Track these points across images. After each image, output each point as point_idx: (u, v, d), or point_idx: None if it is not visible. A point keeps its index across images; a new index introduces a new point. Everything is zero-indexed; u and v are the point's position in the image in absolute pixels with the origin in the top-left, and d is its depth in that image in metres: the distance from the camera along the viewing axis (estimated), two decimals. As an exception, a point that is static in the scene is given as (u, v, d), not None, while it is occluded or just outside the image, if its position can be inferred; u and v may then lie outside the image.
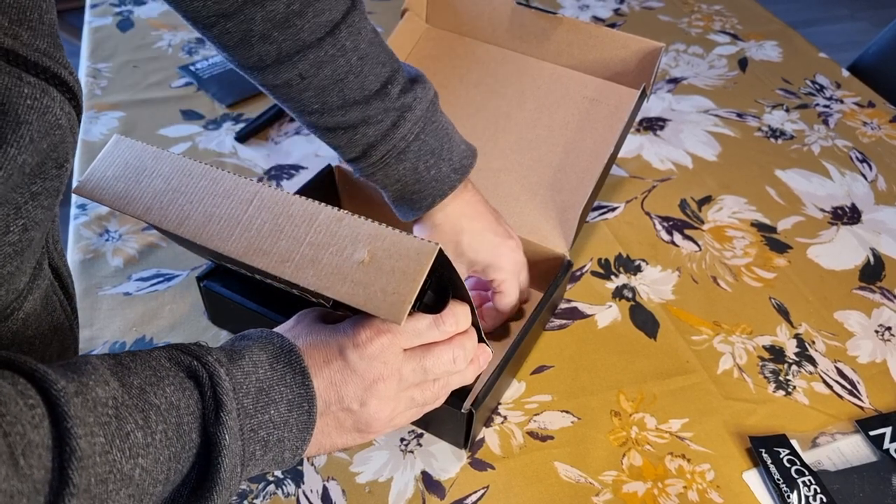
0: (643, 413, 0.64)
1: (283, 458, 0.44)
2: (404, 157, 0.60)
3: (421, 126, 0.60)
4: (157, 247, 0.76)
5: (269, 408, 0.42)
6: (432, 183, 0.61)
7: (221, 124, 0.93)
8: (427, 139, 0.61)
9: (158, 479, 0.37)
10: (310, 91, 0.58)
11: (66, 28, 2.00)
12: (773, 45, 1.15)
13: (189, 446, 0.39)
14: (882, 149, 0.96)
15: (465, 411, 0.56)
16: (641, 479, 0.60)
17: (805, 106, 1.02)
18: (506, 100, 0.75)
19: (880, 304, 0.75)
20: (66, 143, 0.37)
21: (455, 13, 0.78)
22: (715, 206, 0.86)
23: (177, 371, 0.40)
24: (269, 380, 0.43)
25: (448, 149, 0.62)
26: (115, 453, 0.35)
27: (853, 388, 0.67)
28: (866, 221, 0.85)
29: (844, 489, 0.58)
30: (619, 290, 0.75)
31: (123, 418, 0.36)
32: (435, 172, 0.61)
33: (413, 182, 0.61)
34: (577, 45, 0.73)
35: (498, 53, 0.77)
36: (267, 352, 0.44)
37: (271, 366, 0.43)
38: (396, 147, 0.60)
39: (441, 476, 0.59)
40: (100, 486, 0.34)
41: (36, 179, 0.36)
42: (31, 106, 0.34)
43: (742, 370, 0.68)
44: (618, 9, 1.23)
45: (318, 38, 0.56)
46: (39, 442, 0.32)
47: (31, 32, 0.35)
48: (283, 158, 0.89)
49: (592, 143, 0.71)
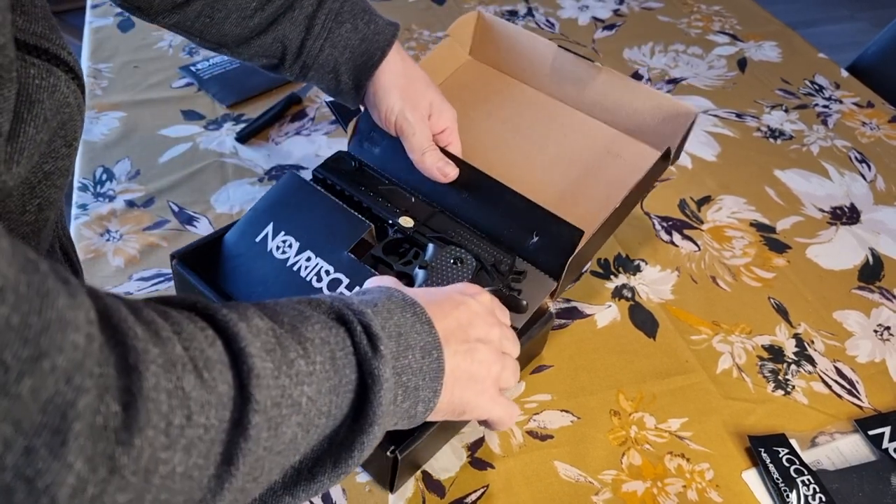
0: (642, 412, 0.64)
1: (416, 411, 0.44)
2: (342, 18, 0.64)
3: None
4: (157, 247, 0.77)
5: (407, 353, 0.42)
6: (375, 37, 0.64)
7: (222, 124, 0.93)
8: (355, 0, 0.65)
9: (322, 410, 0.37)
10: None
11: (67, 28, 2.00)
12: (773, 46, 1.15)
13: (345, 381, 0.39)
14: (881, 149, 0.96)
15: (391, 455, 0.52)
16: (641, 479, 0.60)
17: (804, 106, 1.03)
18: (528, 142, 0.74)
19: (879, 304, 0.75)
20: (74, 122, 0.38)
21: (498, 50, 0.78)
22: (714, 206, 0.86)
23: (319, 313, 0.40)
24: (405, 325, 0.43)
25: (373, 11, 0.66)
26: (283, 379, 0.35)
27: (852, 388, 0.68)
28: (865, 221, 0.85)
29: (843, 488, 0.58)
30: (618, 290, 0.76)
31: (286, 347, 0.36)
32: (374, 27, 0.65)
33: (358, 42, 0.64)
34: (611, 98, 0.71)
35: (533, 95, 0.76)
36: (394, 301, 0.44)
37: (402, 313, 0.43)
38: (332, 9, 0.64)
39: (441, 475, 0.59)
40: (274, 410, 0.34)
41: (48, 159, 0.37)
42: (41, 86, 0.35)
43: (741, 370, 0.69)
44: (617, 9, 1.23)
45: None
46: (217, 359, 0.32)
47: (26, 17, 0.36)
48: (284, 159, 0.89)
49: (601, 199, 0.68)
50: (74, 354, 0.24)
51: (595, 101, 0.72)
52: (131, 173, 0.85)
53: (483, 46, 0.79)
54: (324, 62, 0.65)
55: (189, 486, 0.30)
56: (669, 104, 0.68)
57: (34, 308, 0.23)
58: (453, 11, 1.20)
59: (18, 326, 0.23)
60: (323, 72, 0.66)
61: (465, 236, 0.64)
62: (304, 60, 0.65)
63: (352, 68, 0.65)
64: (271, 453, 0.35)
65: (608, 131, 0.72)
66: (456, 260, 0.59)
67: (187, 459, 0.29)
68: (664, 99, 0.68)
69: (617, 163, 0.70)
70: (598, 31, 1.18)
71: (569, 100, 0.74)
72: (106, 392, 0.26)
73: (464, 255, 0.60)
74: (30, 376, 0.23)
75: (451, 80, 0.79)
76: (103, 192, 0.82)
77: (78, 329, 0.25)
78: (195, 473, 0.30)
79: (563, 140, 0.73)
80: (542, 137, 0.73)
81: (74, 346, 0.25)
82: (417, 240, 0.63)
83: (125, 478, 0.26)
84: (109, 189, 0.83)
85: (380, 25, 0.65)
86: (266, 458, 0.34)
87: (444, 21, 1.17)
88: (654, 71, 1.08)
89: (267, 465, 0.35)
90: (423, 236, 0.63)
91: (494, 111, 0.76)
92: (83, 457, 0.25)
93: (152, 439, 0.27)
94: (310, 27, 0.64)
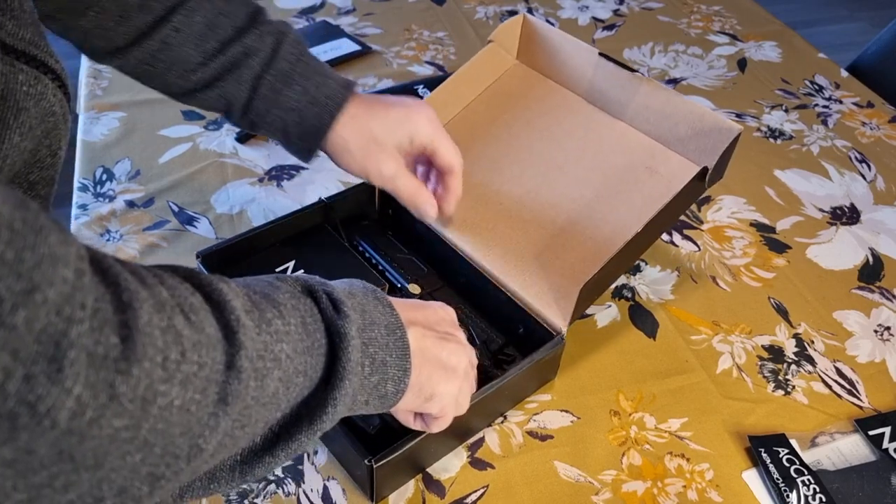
0: (642, 412, 0.64)
1: (387, 389, 0.45)
2: (292, 80, 0.61)
3: (299, 49, 0.61)
4: (157, 247, 0.77)
5: (372, 328, 0.43)
6: (325, 101, 0.61)
7: (222, 125, 0.93)
8: (309, 61, 0.62)
9: (299, 369, 0.39)
10: (188, 44, 0.59)
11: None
12: (773, 46, 1.15)
13: (317, 344, 0.40)
14: (881, 149, 0.96)
15: (368, 463, 0.52)
16: (641, 479, 0.60)
17: (804, 106, 1.03)
18: (564, 152, 0.72)
19: (879, 304, 0.75)
20: (58, 130, 0.38)
21: (544, 53, 0.76)
22: (714, 207, 0.86)
23: (287, 285, 0.42)
24: (367, 304, 0.44)
25: (329, 71, 0.63)
26: (264, 336, 0.36)
27: (852, 388, 0.68)
28: (865, 221, 0.85)
29: (843, 489, 0.58)
30: (618, 290, 0.76)
31: (262, 308, 0.37)
32: (325, 90, 0.61)
33: (307, 106, 0.61)
34: (652, 110, 0.69)
35: (575, 103, 0.75)
36: (355, 286, 0.46)
37: (364, 296, 0.45)
38: (282, 70, 0.60)
39: (441, 475, 0.59)
40: (259, 361, 0.35)
41: (33, 168, 0.37)
42: (28, 93, 0.35)
43: (741, 370, 0.69)
44: (617, 9, 1.23)
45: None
46: (200, 306, 0.33)
47: (15, 22, 0.35)
48: (284, 159, 0.89)
49: (632, 217, 0.66)
50: (63, 287, 0.26)
51: (637, 112, 0.70)
52: (131, 173, 0.85)
53: (529, 50, 0.78)
54: (272, 122, 0.62)
55: (187, 420, 0.31)
56: (711, 118, 0.65)
57: (28, 244, 0.25)
58: (453, 11, 1.20)
59: (13, 261, 0.24)
60: (271, 130, 0.63)
61: (465, 311, 0.68)
62: (251, 118, 0.63)
63: (301, 132, 0.62)
64: (258, 404, 0.36)
65: (647, 143, 0.70)
66: None
67: (184, 393, 0.31)
68: (706, 113, 0.65)
69: (654, 179, 0.68)
70: (598, 31, 1.18)
71: (610, 109, 0.73)
72: (105, 325, 0.27)
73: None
74: (24, 308, 0.24)
75: (496, 86, 0.78)
76: (103, 193, 0.82)
77: (68, 264, 0.26)
78: (192, 408, 0.31)
79: (599, 152, 0.71)
80: (580, 149, 0.72)
81: (64, 280, 0.26)
82: None
83: (123, 405, 0.28)
84: (109, 189, 0.83)
85: (332, 88, 0.61)
86: (253, 408, 0.36)
87: (444, 21, 1.17)
88: (654, 71, 1.08)
89: (254, 416, 0.36)
90: None
91: (534, 119, 0.75)
92: (82, 383, 0.26)
93: (150, 371, 0.29)
94: (256, 87, 0.61)
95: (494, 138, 0.75)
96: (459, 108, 0.77)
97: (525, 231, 0.68)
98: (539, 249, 0.67)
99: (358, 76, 1.04)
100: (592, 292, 0.65)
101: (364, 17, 1.17)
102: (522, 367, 0.60)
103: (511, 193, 0.71)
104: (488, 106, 0.77)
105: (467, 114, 0.77)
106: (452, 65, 1.07)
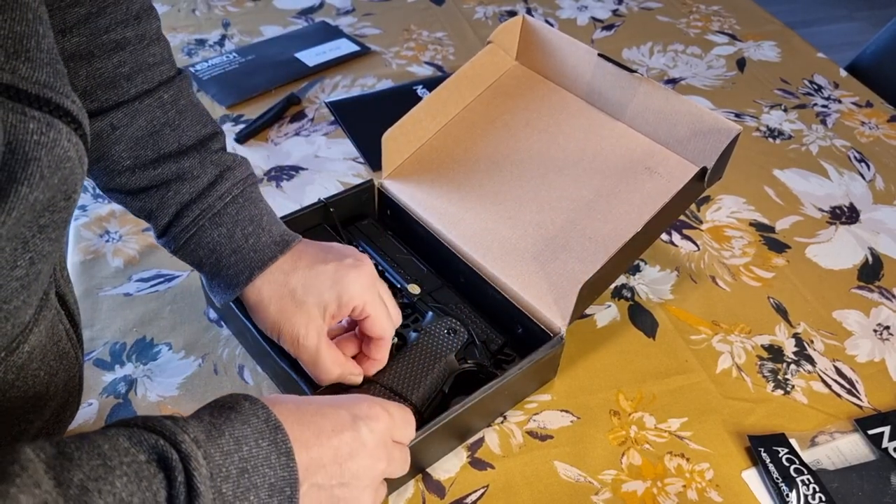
0: (642, 412, 0.65)
1: None
2: (220, 220, 0.55)
3: (241, 189, 0.55)
4: (157, 247, 0.76)
5: (249, 493, 0.38)
6: (250, 254, 0.55)
7: (221, 125, 0.93)
8: (246, 205, 0.55)
9: None
10: (121, 144, 0.53)
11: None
12: (772, 46, 1.15)
13: None
14: (880, 148, 0.96)
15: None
16: (641, 479, 0.60)
17: (803, 106, 1.03)
18: (564, 153, 0.72)
19: (878, 304, 0.76)
20: (75, 175, 0.36)
21: (543, 54, 0.76)
22: (713, 206, 0.86)
23: (135, 455, 0.35)
24: (253, 459, 0.39)
25: (269, 221, 0.56)
26: None
27: (852, 388, 0.68)
28: (864, 221, 0.85)
29: (843, 488, 0.58)
30: (618, 290, 0.76)
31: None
32: (254, 241, 0.55)
33: (228, 253, 0.55)
34: (651, 110, 0.69)
35: (574, 104, 0.75)
36: (251, 426, 0.40)
37: (256, 443, 0.40)
38: (212, 207, 0.54)
39: (441, 475, 0.59)
40: None
41: (44, 213, 0.35)
42: (39, 141, 0.33)
43: (741, 369, 0.69)
44: (616, 9, 1.23)
45: (138, 94, 0.53)
46: None
47: (30, 64, 0.33)
48: (283, 159, 0.89)
49: (631, 217, 0.66)
50: None
51: (637, 113, 0.70)
52: (130, 174, 0.85)
53: (528, 51, 0.78)
54: (189, 254, 0.56)
55: None
56: (711, 119, 0.65)
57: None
58: (452, 11, 1.20)
59: None
60: (188, 261, 0.57)
61: (465, 311, 0.67)
62: (169, 242, 0.57)
63: (216, 274, 0.56)
64: None
65: (647, 144, 0.70)
66: (450, 330, 0.62)
67: None
68: (705, 114, 0.65)
69: (653, 179, 0.68)
70: (597, 31, 1.18)
71: (609, 109, 0.73)
72: None
73: (458, 326, 0.62)
74: None
75: (495, 87, 0.79)
76: (102, 193, 0.82)
77: None
78: None
79: (598, 152, 0.71)
80: (579, 150, 0.72)
81: None
82: (420, 307, 0.67)
83: None
84: (109, 190, 0.83)
85: (262, 242, 0.55)
86: None
87: (443, 21, 1.17)
88: (653, 71, 1.09)
89: None
90: (426, 304, 0.67)
91: (533, 120, 0.75)
92: None
93: None
94: (179, 215, 0.54)
95: (494, 138, 0.75)
96: (459, 109, 0.77)
97: (524, 231, 0.68)
98: (538, 250, 0.67)
99: (357, 76, 1.04)
100: (592, 292, 0.65)
101: (363, 17, 1.17)
102: (522, 367, 0.60)
103: (510, 193, 0.71)
104: (488, 106, 0.77)
105: (467, 114, 0.77)
106: (451, 65, 1.07)
